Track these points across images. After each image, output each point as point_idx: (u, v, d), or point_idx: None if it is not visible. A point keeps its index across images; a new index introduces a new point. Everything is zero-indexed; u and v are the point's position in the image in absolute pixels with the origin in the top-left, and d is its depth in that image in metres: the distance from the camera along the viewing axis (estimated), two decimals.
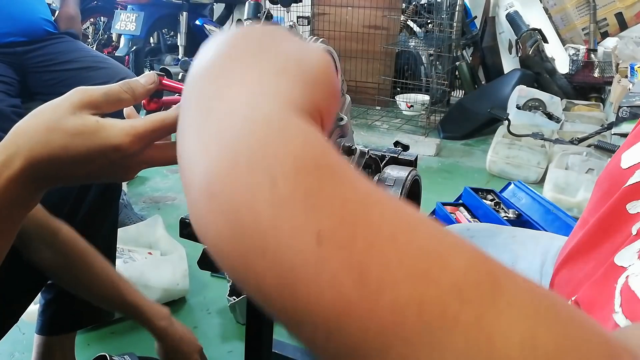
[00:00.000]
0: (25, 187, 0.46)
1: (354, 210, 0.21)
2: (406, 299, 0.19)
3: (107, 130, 0.46)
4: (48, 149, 0.45)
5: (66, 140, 0.45)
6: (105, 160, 0.46)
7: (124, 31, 3.40)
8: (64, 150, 0.45)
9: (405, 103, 3.65)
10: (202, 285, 1.63)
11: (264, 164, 0.22)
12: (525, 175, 2.53)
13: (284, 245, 0.20)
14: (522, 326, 0.19)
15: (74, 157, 0.45)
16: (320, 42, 0.63)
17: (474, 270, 0.20)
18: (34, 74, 1.66)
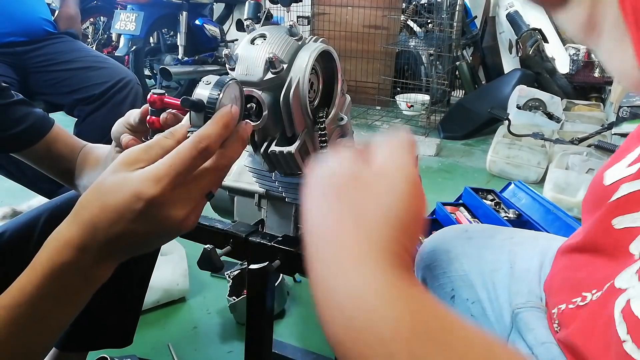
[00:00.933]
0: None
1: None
2: None
3: (129, 181, 0.46)
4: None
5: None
6: (133, 214, 0.45)
7: (124, 31, 3.40)
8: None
9: (405, 103, 3.65)
10: (202, 285, 1.63)
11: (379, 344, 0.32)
12: (525, 175, 2.52)
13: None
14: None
15: (113, 219, 0.46)
16: (320, 42, 0.63)
17: None
18: (34, 73, 1.66)
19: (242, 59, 0.59)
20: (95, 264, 0.48)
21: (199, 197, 0.48)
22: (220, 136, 0.47)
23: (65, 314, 0.50)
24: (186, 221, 0.48)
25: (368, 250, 0.36)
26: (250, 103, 0.59)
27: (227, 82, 0.50)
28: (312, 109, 0.63)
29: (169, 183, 0.45)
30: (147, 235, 0.47)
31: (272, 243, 0.71)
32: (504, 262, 0.78)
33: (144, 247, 0.50)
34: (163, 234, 0.48)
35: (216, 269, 0.70)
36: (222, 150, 0.49)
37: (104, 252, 0.47)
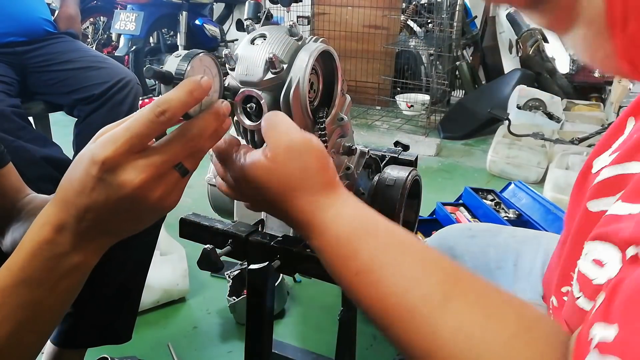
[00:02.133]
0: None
1: None
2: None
3: (88, 148, 0.45)
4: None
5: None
6: (91, 180, 0.44)
7: (124, 31, 3.40)
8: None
9: (405, 103, 3.65)
10: (202, 285, 1.63)
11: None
12: (525, 175, 2.52)
13: None
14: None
15: (80, 190, 0.45)
16: (320, 42, 0.63)
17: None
18: (34, 73, 1.66)
19: (242, 59, 0.59)
20: (74, 245, 0.47)
21: (163, 166, 0.46)
22: (182, 102, 0.45)
23: (53, 301, 0.49)
24: (152, 193, 0.45)
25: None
26: (250, 103, 0.59)
27: (197, 54, 0.48)
28: (312, 109, 0.63)
29: (124, 145, 0.43)
30: (115, 209, 0.45)
31: (272, 243, 0.71)
32: (507, 260, 0.78)
33: (119, 225, 0.48)
34: (130, 207, 0.46)
35: (216, 269, 0.70)
36: (192, 120, 0.47)
37: (80, 231, 0.47)
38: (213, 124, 0.48)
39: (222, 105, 0.49)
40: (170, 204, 0.48)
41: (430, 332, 0.40)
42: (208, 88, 0.47)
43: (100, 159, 0.43)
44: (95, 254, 0.49)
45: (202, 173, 0.76)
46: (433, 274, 0.44)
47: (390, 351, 1.36)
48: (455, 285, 0.43)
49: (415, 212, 0.84)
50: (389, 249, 0.46)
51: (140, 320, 1.46)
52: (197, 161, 0.49)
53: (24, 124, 1.56)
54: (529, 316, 0.41)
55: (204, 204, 0.85)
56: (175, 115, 0.45)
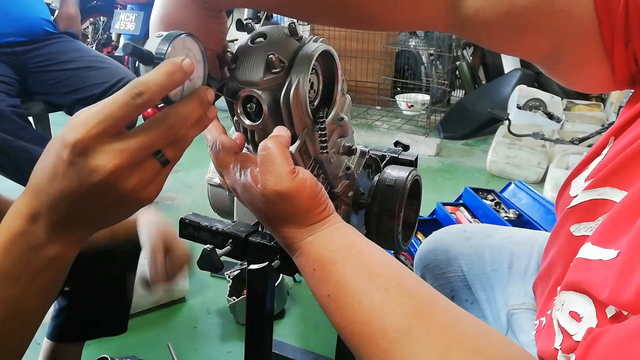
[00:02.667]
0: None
1: None
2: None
3: (60, 132, 0.43)
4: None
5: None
6: (62, 164, 0.41)
7: (124, 31, 3.40)
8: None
9: (405, 103, 3.65)
10: (202, 285, 1.63)
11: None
12: (525, 175, 2.52)
13: None
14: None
15: (50, 175, 0.43)
16: (321, 41, 0.63)
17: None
18: (34, 73, 1.66)
19: (242, 59, 0.59)
20: (49, 236, 0.45)
21: (140, 153, 0.42)
22: (160, 84, 0.41)
23: (32, 298, 0.46)
24: (127, 181, 0.42)
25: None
26: (250, 103, 0.59)
27: (179, 35, 0.45)
28: (312, 109, 0.62)
29: (96, 127, 0.40)
30: (88, 196, 0.42)
31: (272, 243, 0.71)
32: (502, 262, 0.78)
33: (95, 215, 0.45)
34: (104, 195, 0.43)
35: (216, 269, 0.70)
36: (174, 105, 0.44)
37: (55, 221, 0.44)
38: (196, 111, 0.45)
39: (206, 91, 0.46)
40: (149, 195, 0.45)
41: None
42: (190, 71, 0.43)
43: (70, 142, 0.41)
44: (72, 247, 0.47)
45: (202, 173, 0.76)
46: (398, 305, 0.44)
47: None
48: (420, 318, 0.43)
49: (416, 212, 0.84)
50: (358, 275, 0.47)
51: (140, 320, 1.47)
52: (179, 151, 0.46)
53: (24, 124, 1.56)
54: (495, 351, 0.41)
55: (204, 204, 0.85)
56: (153, 99, 0.42)
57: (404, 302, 0.44)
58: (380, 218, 0.74)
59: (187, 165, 2.65)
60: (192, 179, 2.51)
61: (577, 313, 0.44)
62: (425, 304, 0.45)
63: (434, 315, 0.44)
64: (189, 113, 0.45)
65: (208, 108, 0.47)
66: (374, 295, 0.45)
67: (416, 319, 0.43)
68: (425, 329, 0.42)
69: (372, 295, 0.45)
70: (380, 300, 0.45)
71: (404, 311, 0.44)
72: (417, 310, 0.44)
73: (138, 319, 1.47)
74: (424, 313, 0.43)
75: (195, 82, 0.47)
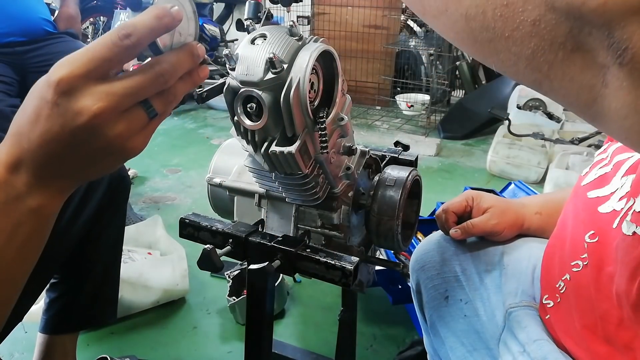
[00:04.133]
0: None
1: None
2: None
3: (45, 74, 0.40)
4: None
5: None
6: (45, 105, 0.39)
7: None
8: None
9: (405, 103, 3.65)
10: (202, 285, 1.63)
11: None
12: (525, 175, 2.52)
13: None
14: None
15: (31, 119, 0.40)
16: (321, 42, 0.63)
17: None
18: (34, 73, 1.66)
19: (243, 59, 0.59)
20: (30, 186, 0.42)
21: (127, 99, 0.41)
22: (148, 27, 0.40)
23: (13, 255, 0.43)
24: (112, 127, 0.40)
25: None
26: (250, 103, 0.59)
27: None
28: (312, 109, 0.62)
29: (82, 66, 0.39)
30: (71, 141, 0.40)
31: (272, 243, 0.71)
32: (496, 263, 0.79)
33: (77, 164, 0.43)
34: (88, 140, 0.41)
35: (216, 269, 0.70)
36: (164, 54, 0.43)
37: (36, 168, 0.42)
38: (186, 62, 0.44)
39: (197, 46, 0.45)
40: (135, 147, 0.42)
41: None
42: (179, 18, 0.42)
43: (55, 80, 0.39)
44: (55, 198, 0.44)
45: (202, 173, 0.76)
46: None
47: (390, 351, 1.36)
48: None
49: (416, 212, 0.84)
50: None
51: (140, 320, 1.47)
52: (167, 104, 0.44)
53: None
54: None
55: (204, 204, 0.85)
56: (141, 41, 0.40)
57: None
58: (380, 218, 0.74)
59: (187, 165, 2.65)
60: (192, 179, 2.51)
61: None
62: None
63: None
64: (178, 62, 0.43)
65: (198, 62, 0.45)
66: None
67: None
68: None
69: None
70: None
71: None
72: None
73: (138, 319, 1.47)
74: None
75: (185, 37, 0.46)
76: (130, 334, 1.41)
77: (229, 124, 0.65)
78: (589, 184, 0.64)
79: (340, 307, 1.06)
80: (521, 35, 0.28)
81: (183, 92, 0.45)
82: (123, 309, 1.42)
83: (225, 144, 0.90)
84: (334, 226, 0.75)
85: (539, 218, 0.81)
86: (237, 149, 0.79)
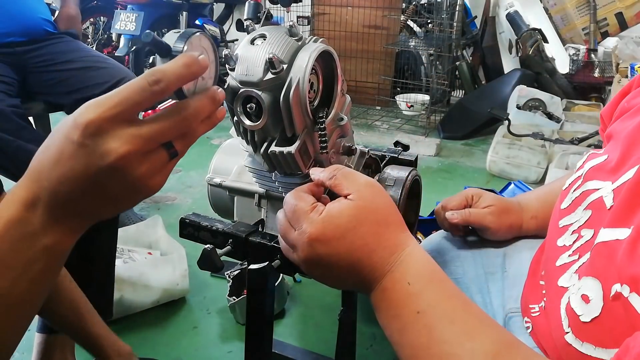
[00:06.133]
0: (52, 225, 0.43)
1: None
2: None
3: (71, 115, 0.42)
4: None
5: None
6: (70, 146, 0.40)
7: (124, 31, 3.40)
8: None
9: (405, 103, 3.65)
10: (202, 285, 1.63)
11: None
12: (525, 175, 2.52)
13: None
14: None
15: (55, 159, 0.42)
16: (320, 42, 0.63)
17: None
18: (34, 74, 1.66)
19: (242, 59, 0.59)
20: (45, 224, 0.43)
21: (152, 141, 0.42)
22: (177, 74, 0.42)
23: (24, 290, 0.44)
24: (136, 168, 0.42)
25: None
26: (250, 103, 0.59)
27: (195, 33, 0.47)
28: (312, 109, 0.63)
29: (111, 109, 0.40)
30: (93, 181, 0.41)
31: (272, 243, 0.71)
32: (498, 265, 0.78)
33: (96, 203, 0.44)
34: (111, 180, 0.41)
35: (216, 269, 0.70)
36: (188, 99, 0.44)
37: (53, 208, 0.42)
38: (208, 107, 0.46)
39: (217, 91, 0.47)
40: (154, 185, 0.44)
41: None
42: (205, 66, 0.44)
43: (83, 122, 0.40)
44: (68, 237, 0.45)
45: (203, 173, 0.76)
46: (488, 333, 0.45)
47: (390, 351, 1.36)
48: (506, 347, 0.44)
49: (416, 212, 0.84)
50: (453, 298, 0.48)
51: (140, 320, 1.47)
52: (187, 145, 0.46)
53: (24, 124, 1.56)
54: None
55: (204, 204, 0.85)
56: (169, 87, 0.42)
57: (493, 331, 0.46)
58: None
59: (187, 166, 2.65)
60: (192, 179, 2.51)
61: (588, 296, 0.47)
62: (509, 336, 0.46)
63: (518, 347, 0.45)
64: (202, 108, 0.45)
65: (218, 107, 0.47)
66: (467, 319, 0.46)
67: (504, 346, 0.44)
68: (513, 355, 0.43)
69: (466, 319, 0.46)
70: (473, 325, 0.45)
71: (494, 339, 0.45)
72: (504, 339, 0.45)
73: (138, 319, 1.47)
74: (511, 344, 0.45)
75: (207, 81, 0.48)
76: (130, 334, 1.41)
77: (229, 124, 0.65)
78: (564, 210, 0.63)
79: (340, 307, 1.06)
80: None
81: (202, 133, 0.47)
82: (123, 309, 1.42)
83: (225, 144, 0.90)
84: None
85: (536, 223, 0.81)
86: (237, 149, 0.79)
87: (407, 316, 0.47)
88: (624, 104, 0.66)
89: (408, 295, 0.48)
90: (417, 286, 0.48)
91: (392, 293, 0.49)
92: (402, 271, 0.49)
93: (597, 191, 0.56)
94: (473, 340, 0.44)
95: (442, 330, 0.45)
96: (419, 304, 0.47)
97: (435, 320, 0.46)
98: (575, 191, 0.62)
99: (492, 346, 0.43)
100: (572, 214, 0.60)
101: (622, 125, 0.62)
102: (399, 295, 0.48)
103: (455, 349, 0.43)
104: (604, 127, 0.73)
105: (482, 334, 0.45)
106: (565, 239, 0.59)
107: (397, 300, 0.49)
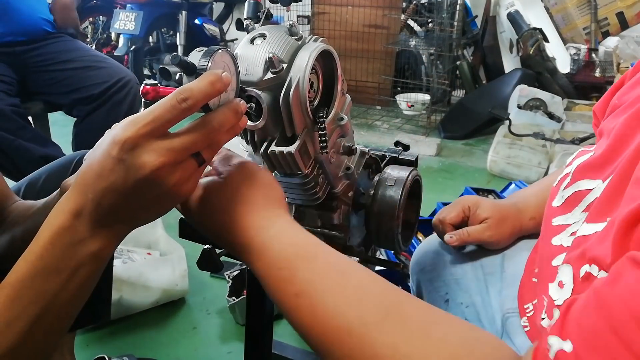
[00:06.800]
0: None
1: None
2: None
3: (110, 132, 0.46)
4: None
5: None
6: (110, 161, 0.45)
7: (123, 30, 3.40)
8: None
9: (405, 103, 3.64)
10: (201, 285, 1.63)
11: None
12: (526, 175, 2.52)
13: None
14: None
15: (99, 172, 0.46)
16: (320, 41, 0.63)
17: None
18: (33, 73, 1.66)
19: (242, 59, 0.59)
20: (90, 231, 0.47)
21: (183, 153, 0.47)
22: (203, 92, 0.46)
23: (69, 294, 0.48)
24: (169, 178, 0.46)
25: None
26: (250, 103, 0.59)
27: (217, 50, 0.50)
28: (312, 108, 0.62)
29: (145, 127, 0.44)
30: (132, 192, 0.46)
31: None
32: (497, 266, 0.78)
33: (136, 211, 0.48)
34: (147, 190, 0.46)
35: (216, 269, 0.70)
36: (213, 112, 0.49)
37: (97, 217, 0.47)
38: (232, 119, 0.50)
39: (240, 103, 0.51)
40: (186, 191, 0.49)
41: (368, 351, 0.41)
42: (228, 83, 0.48)
43: (121, 139, 0.44)
44: (111, 243, 0.49)
45: None
46: (371, 297, 0.45)
47: None
48: (394, 306, 0.44)
49: (416, 212, 0.84)
50: (328, 272, 0.48)
51: (139, 321, 1.46)
52: (213, 153, 0.51)
53: (23, 124, 1.56)
54: (470, 336, 0.42)
55: None
56: (197, 104, 0.46)
57: (380, 295, 0.45)
58: (380, 218, 0.74)
59: None
60: None
61: (562, 282, 0.48)
62: (397, 295, 0.46)
63: (408, 304, 0.45)
64: (226, 120, 0.49)
65: (240, 118, 0.51)
66: (347, 289, 0.46)
67: (391, 306, 0.44)
68: (402, 313, 0.43)
69: (346, 289, 0.46)
70: (354, 293, 0.45)
71: (379, 301, 0.44)
72: (390, 300, 0.45)
73: (138, 319, 1.47)
74: (398, 302, 0.44)
75: (229, 93, 0.51)
76: (130, 334, 1.41)
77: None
78: (557, 208, 0.63)
79: None
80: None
81: (225, 142, 0.52)
82: (123, 309, 1.42)
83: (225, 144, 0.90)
84: (334, 226, 0.75)
85: (535, 223, 0.81)
86: (237, 149, 0.78)
87: (288, 302, 0.48)
88: (615, 100, 0.66)
89: (282, 280, 0.48)
90: (289, 270, 0.48)
91: (268, 280, 0.50)
92: (271, 256, 0.50)
93: (592, 192, 0.56)
94: (358, 308, 0.43)
95: (324, 306, 0.45)
96: (295, 286, 0.47)
97: (317, 298, 0.46)
98: (566, 189, 0.62)
99: (380, 310, 0.43)
100: (568, 214, 0.60)
101: (612, 121, 0.62)
102: (274, 282, 0.49)
103: (342, 320, 0.43)
104: (597, 122, 0.73)
105: (365, 300, 0.44)
106: (561, 239, 0.59)
107: (274, 285, 0.49)
